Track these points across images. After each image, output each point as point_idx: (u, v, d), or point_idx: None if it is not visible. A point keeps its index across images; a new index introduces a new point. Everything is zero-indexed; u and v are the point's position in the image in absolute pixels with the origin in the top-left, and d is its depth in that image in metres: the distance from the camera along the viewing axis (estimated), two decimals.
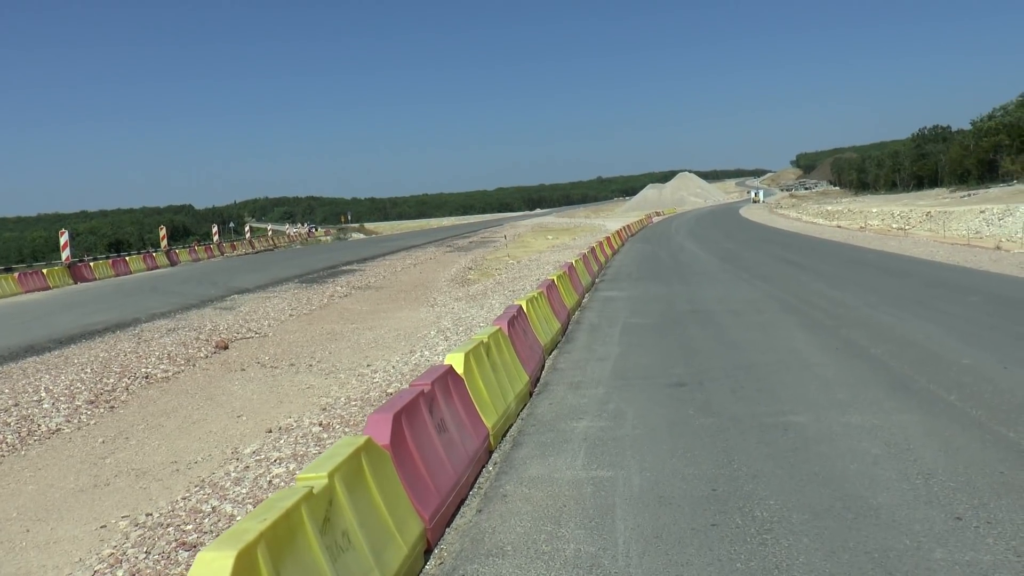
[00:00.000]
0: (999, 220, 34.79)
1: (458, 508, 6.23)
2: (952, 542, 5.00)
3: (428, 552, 5.43)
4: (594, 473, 6.79)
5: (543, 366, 11.51)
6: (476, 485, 6.79)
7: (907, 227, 41.57)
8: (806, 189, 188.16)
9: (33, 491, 8.33)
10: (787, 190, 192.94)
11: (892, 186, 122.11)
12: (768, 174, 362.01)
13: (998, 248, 26.78)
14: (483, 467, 7.20)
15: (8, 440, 10.18)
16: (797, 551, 5.01)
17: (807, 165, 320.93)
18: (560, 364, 11.74)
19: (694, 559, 5.01)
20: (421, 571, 5.19)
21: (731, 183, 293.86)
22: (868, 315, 14.08)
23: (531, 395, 9.88)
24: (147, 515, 7.14)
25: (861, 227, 45.46)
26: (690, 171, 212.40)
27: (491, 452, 7.61)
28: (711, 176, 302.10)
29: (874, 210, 57.29)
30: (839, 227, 47.79)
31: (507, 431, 8.33)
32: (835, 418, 7.87)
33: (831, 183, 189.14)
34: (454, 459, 6.44)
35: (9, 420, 11.05)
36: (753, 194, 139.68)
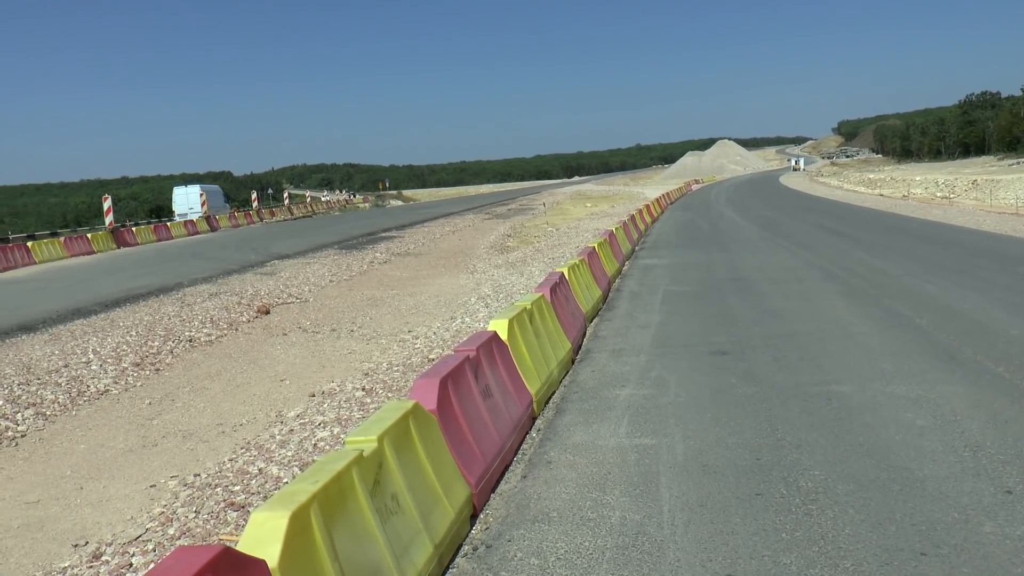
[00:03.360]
0: None
1: (503, 474, 6.29)
2: (1002, 516, 4.96)
3: (474, 517, 5.50)
4: (638, 441, 6.82)
5: (585, 333, 11.52)
6: (520, 451, 6.84)
7: (952, 196, 40.87)
8: (848, 157, 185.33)
9: (84, 450, 8.53)
10: (828, 158, 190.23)
11: (937, 154, 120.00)
12: (809, 142, 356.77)
13: None
14: (527, 433, 7.25)
15: (60, 400, 10.42)
16: (843, 522, 5.00)
17: (849, 133, 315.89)
18: (602, 332, 11.75)
19: (739, 528, 5.02)
20: (467, 535, 5.26)
21: (771, 151, 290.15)
22: (911, 284, 13.91)
23: (573, 362, 9.91)
24: (195, 475, 7.28)
25: (904, 196, 44.78)
26: (729, 139, 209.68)
27: (534, 419, 7.66)
28: (751, 144, 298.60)
29: (917, 178, 56.36)
30: (881, 195, 47.10)
31: (550, 398, 8.37)
32: (879, 388, 7.81)
33: (873, 151, 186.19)
34: (499, 425, 6.50)
35: (60, 381, 11.29)
36: (793, 162, 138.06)
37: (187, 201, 58.37)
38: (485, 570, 4.76)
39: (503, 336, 7.68)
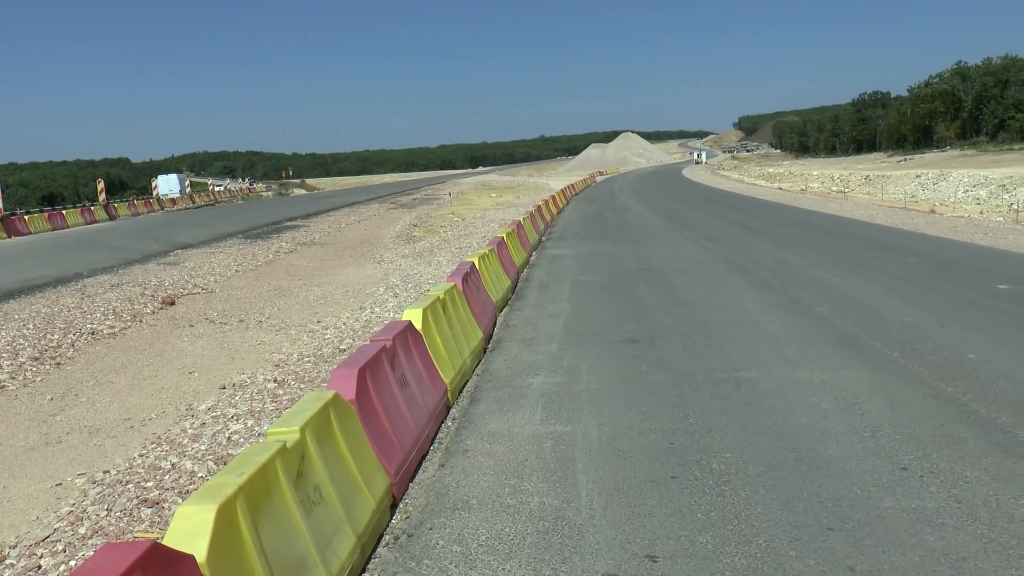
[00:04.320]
0: (934, 184, 35.68)
1: (420, 463, 6.30)
2: (899, 491, 5.22)
3: (394, 506, 5.49)
4: (553, 428, 6.91)
5: (496, 323, 11.58)
6: (437, 440, 6.85)
7: (847, 190, 42.40)
8: (748, 151, 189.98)
9: None
10: (729, 152, 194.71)
11: (832, 150, 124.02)
12: (710, 136, 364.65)
13: (932, 212, 27.50)
14: (443, 422, 7.27)
15: None
16: (754, 502, 5.18)
17: (749, 128, 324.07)
18: (512, 321, 11.82)
19: (656, 510, 5.15)
20: (388, 525, 5.25)
21: (673, 144, 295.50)
22: (813, 275, 14.40)
23: (485, 351, 9.96)
24: (104, 472, 7.06)
25: (802, 189, 46.24)
26: (633, 131, 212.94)
27: (450, 408, 7.68)
28: (654, 137, 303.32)
29: (815, 173, 58.25)
30: (781, 189, 48.54)
31: (464, 387, 8.40)
32: (785, 374, 8.09)
33: (772, 146, 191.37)
34: (415, 414, 6.50)
35: None
36: (695, 155, 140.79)
37: (168, 184, 73.21)
38: (408, 559, 4.77)
39: (418, 326, 7.67)
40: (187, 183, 78.10)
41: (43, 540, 5.67)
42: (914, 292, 12.30)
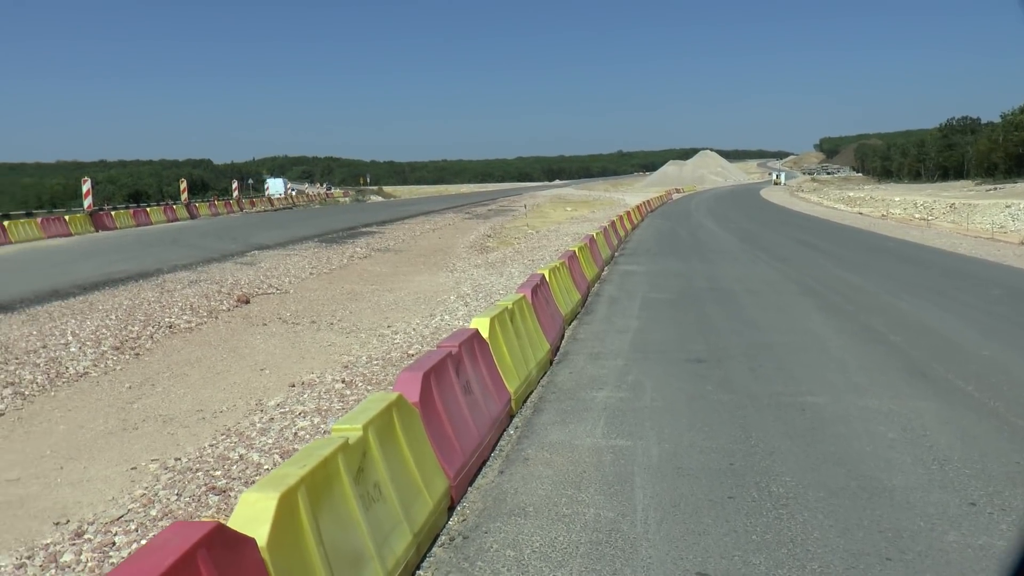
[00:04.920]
0: None
1: (480, 468, 6.39)
2: (965, 526, 5.11)
3: (451, 509, 5.59)
4: (614, 442, 6.93)
5: (563, 336, 11.63)
6: (498, 448, 6.94)
7: (930, 218, 41.35)
8: (828, 174, 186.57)
9: (64, 431, 8.53)
10: (809, 174, 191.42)
11: (916, 176, 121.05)
12: (790, 157, 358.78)
13: (1023, 244, 26.66)
14: (505, 430, 7.35)
15: (38, 380, 10.39)
16: (812, 527, 5.13)
17: (830, 150, 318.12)
18: (580, 335, 11.86)
19: (711, 529, 5.14)
20: (444, 526, 5.35)
21: (752, 164, 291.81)
22: (887, 302, 14.13)
23: (551, 363, 10.02)
24: (176, 459, 7.31)
25: (883, 215, 45.26)
26: (712, 149, 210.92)
27: (512, 416, 7.76)
28: (732, 156, 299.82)
29: (897, 199, 56.95)
30: (860, 214, 47.57)
31: (528, 397, 8.48)
32: (852, 400, 7.97)
33: (854, 169, 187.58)
34: (478, 421, 6.59)
35: (39, 361, 11.26)
36: (774, 176, 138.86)
37: (275, 186, 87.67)
38: (462, 560, 4.85)
39: (484, 334, 7.77)
40: (289, 186, 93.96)
41: (118, 519, 5.91)
42: (995, 325, 11.98)
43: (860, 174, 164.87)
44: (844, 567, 4.59)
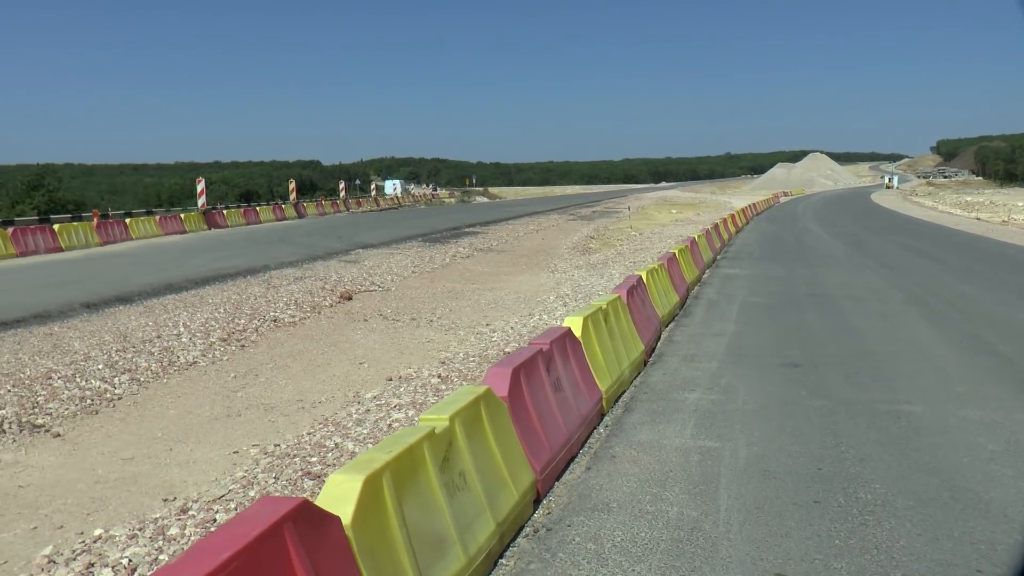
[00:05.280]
0: None
1: (568, 464, 6.50)
2: None
3: (537, 502, 5.72)
4: (702, 443, 6.96)
5: (659, 337, 11.65)
6: (587, 445, 7.04)
7: None
8: (945, 177, 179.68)
9: (174, 415, 9.02)
10: (924, 177, 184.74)
11: None
12: (904, 160, 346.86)
13: None
14: (594, 429, 7.45)
15: (152, 368, 10.98)
16: (899, 534, 5.07)
17: (948, 152, 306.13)
18: (676, 337, 11.86)
19: (794, 532, 5.14)
20: (530, 518, 5.49)
21: (864, 167, 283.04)
22: (1000, 312, 13.65)
23: (645, 364, 10.06)
24: (275, 445, 7.66)
25: (1004, 221, 43.36)
26: (822, 152, 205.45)
27: (603, 415, 7.85)
28: (843, 158, 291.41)
29: (1020, 203, 54.56)
30: (978, 219, 45.69)
31: (620, 397, 8.55)
32: (952, 411, 7.78)
33: (973, 172, 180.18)
34: (567, 418, 6.71)
35: (153, 350, 11.88)
36: (887, 179, 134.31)
37: (391, 187, 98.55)
38: (543, 550, 4.98)
39: (577, 333, 7.88)
40: (395, 188, 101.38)
41: (219, 498, 6.25)
42: None
43: (980, 178, 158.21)
44: None
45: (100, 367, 10.85)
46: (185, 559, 2.67)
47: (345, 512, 3.51)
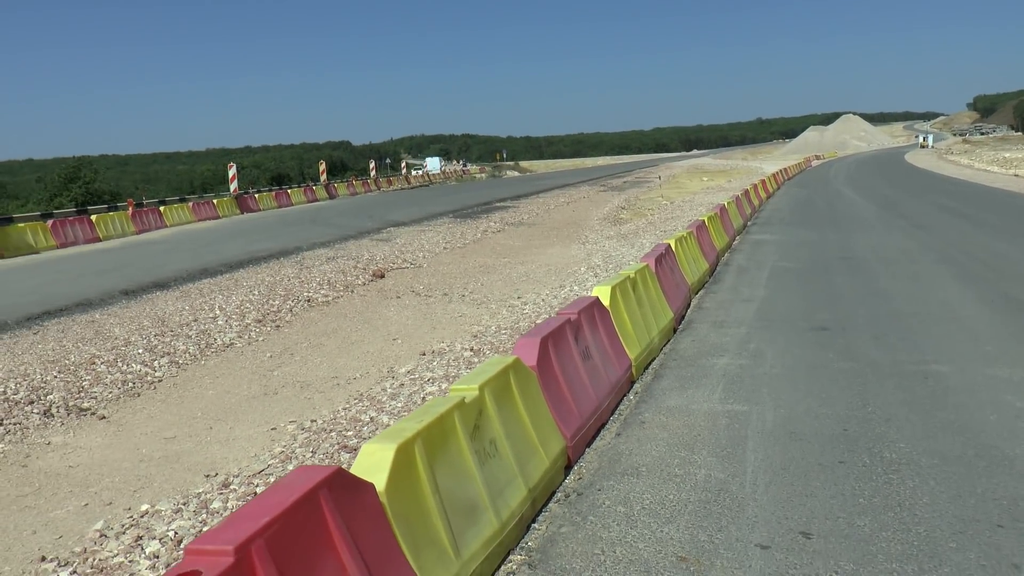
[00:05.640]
0: None
1: (598, 431, 6.65)
2: None
3: (568, 468, 5.88)
4: (730, 407, 7.07)
5: (688, 304, 11.73)
6: (617, 411, 7.19)
7: None
8: (982, 134, 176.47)
9: (213, 395, 9.27)
10: (960, 135, 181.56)
11: None
12: (940, 118, 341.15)
13: None
14: (624, 396, 7.59)
15: (190, 350, 11.26)
16: (922, 492, 5.16)
17: (985, 108, 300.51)
18: (705, 303, 11.93)
19: (818, 491, 5.25)
20: (561, 484, 5.65)
21: (898, 126, 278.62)
22: None
23: (675, 331, 10.16)
24: (312, 421, 7.88)
25: None
26: (855, 113, 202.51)
27: (633, 382, 7.98)
28: (877, 119, 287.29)
29: None
30: (1016, 176, 44.96)
31: (649, 364, 8.67)
32: (979, 370, 7.81)
33: (1012, 128, 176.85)
34: (597, 385, 6.85)
35: (191, 334, 12.17)
36: (921, 138, 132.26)
37: (432, 164, 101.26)
38: (574, 514, 5.14)
39: (605, 302, 8.01)
40: (443, 163, 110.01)
41: (259, 472, 6.48)
42: None
43: (1019, 133, 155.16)
44: (951, 532, 4.63)
45: (140, 351, 11.16)
46: (227, 524, 2.85)
47: (379, 479, 3.68)
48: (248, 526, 2.77)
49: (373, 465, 3.74)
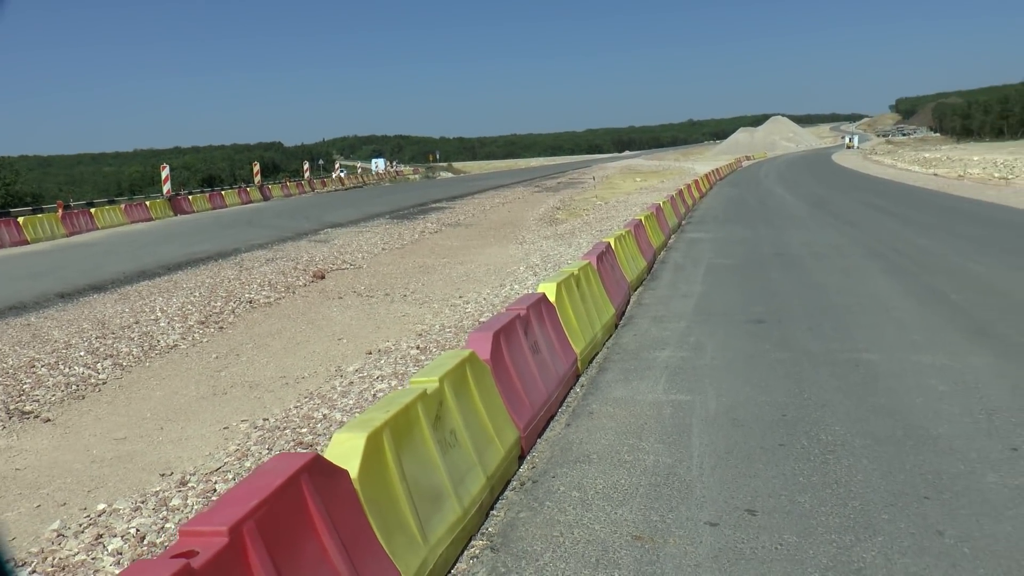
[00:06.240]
0: None
1: (548, 422, 6.86)
2: (1005, 469, 5.40)
3: (521, 458, 6.08)
4: (673, 397, 7.36)
5: (628, 301, 12.03)
6: (565, 403, 7.41)
7: (1010, 177, 40.33)
8: (904, 135, 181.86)
9: (161, 396, 9.26)
10: (884, 136, 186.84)
11: (999, 133, 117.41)
12: (864, 119, 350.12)
13: None
14: (571, 388, 7.82)
15: (134, 352, 11.19)
16: (856, 470, 5.49)
17: (907, 110, 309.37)
18: (645, 299, 12.25)
19: (761, 473, 5.54)
20: (515, 473, 5.84)
21: (825, 128, 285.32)
22: (955, 263, 14.17)
23: (616, 326, 10.44)
24: (264, 420, 7.94)
25: (960, 176, 44.20)
26: (783, 115, 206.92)
27: (579, 375, 8.22)
28: (804, 120, 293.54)
29: (975, 158, 55.58)
30: (936, 175, 46.51)
31: (593, 358, 8.93)
32: (907, 357, 8.23)
33: (932, 130, 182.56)
34: (546, 378, 7.07)
35: (132, 336, 12.08)
36: (847, 139, 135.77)
37: (376, 165, 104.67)
38: (532, 500, 5.34)
39: (551, 298, 8.24)
40: (387, 163, 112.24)
41: (216, 470, 6.55)
42: None
43: (938, 134, 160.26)
44: (883, 505, 4.95)
45: (82, 354, 11.06)
46: (217, 507, 2.98)
47: (352, 466, 3.83)
48: (238, 508, 2.90)
49: (345, 453, 3.88)
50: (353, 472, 3.83)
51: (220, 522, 2.81)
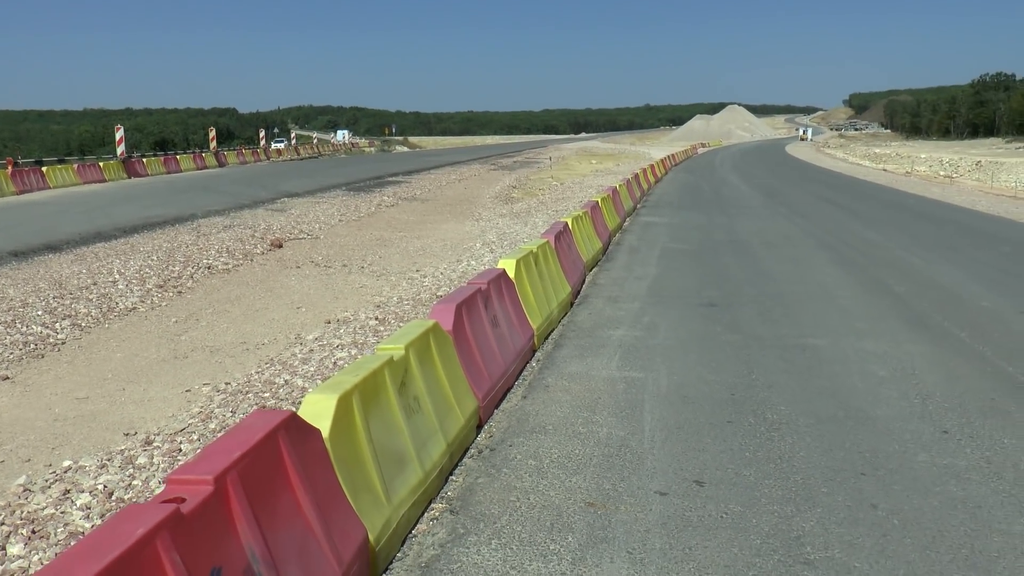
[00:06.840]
0: None
1: (505, 395, 7.07)
2: (935, 449, 5.74)
3: (479, 427, 6.28)
4: (627, 373, 7.60)
5: (584, 281, 12.28)
6: (521, 377, 7.62)
7: (954, 175, 41.39)
8: (856, 130, 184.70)
9: (121, 358, 9.29)
10: (836, 130, 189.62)
11: (946, 133, 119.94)
12: (818, 112, 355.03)
13: None
14: (528, 363, 8.03)
15: (92, 314, 11.16)
16: (799, 447, 5.78)
17: (860, 106, 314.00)
18: (600, 280, 12.51)
19: (709, 447, 5.81)
20: (473, 442, 6.05)
21: (780, 119, 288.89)
22: (899, 256, 14.64)
23: (572, 305, 10.67)
24: (226, 384, 8.03)
25: (907, 172, 45.25)
26: (739, 104, 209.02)
27: (535, 351, 8.44)
28: (760, 111, 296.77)
29: (923, 156, 56.81)
30: (884, 170, 47.56)
31: (549, 334, 9.15)
32: (851, 343, 8.58)
33: (883, 126, 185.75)
34: (504, 351, 7.27)
35: (91, 297, 12.04)
36: (801, 131, 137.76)
37: (341, 136, 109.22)
38: (489, 467, 5.55)
39: (511, 274, 8.43)
40: (350, 135, 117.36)
41: (180, 431, 6.65)
42: (999, 279, 12.47)
43: (888, 131, 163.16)
44: (822, 480, 5.24)
45: (39, 313, 11.01)
46: (201, 457, 3.13)
47: (323, 426, 3.99)
48: (223, 459, 3.06)
49: (317, 413, 4.04)
50: (324, 431, 3.99)
51: (206, 471, 2.96)
